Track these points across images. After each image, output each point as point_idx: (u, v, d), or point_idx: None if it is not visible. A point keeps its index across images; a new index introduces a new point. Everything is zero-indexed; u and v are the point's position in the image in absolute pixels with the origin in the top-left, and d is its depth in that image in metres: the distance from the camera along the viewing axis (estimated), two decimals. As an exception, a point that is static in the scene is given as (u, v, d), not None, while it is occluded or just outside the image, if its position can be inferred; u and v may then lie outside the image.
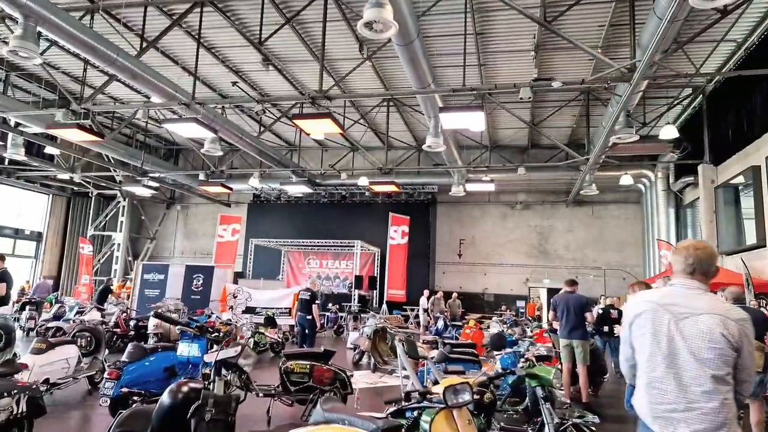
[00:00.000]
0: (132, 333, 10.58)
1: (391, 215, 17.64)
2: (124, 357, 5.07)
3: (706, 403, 2.10)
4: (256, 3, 9.91)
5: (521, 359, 4.56)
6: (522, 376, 4.08)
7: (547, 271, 19.99)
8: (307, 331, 9.65)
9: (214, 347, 2.95)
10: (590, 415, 3.59)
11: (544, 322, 18.97)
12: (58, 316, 12.03)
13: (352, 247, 19.04)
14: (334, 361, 5.75)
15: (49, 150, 15.70)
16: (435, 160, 19.42)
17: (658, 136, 13.81)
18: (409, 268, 18.57)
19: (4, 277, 7.77)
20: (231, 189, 18.58)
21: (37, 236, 21.69)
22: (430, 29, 10.62)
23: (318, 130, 10.45)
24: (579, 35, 9.92)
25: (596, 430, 3.75)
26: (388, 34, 6.75)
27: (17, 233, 20.77)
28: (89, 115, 12.68)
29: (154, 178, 18.76)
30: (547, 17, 9.05)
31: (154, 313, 3.34)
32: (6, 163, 18.85)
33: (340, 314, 16.26)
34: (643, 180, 16.70)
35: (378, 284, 19.26)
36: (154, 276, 12.69)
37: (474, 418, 2.88)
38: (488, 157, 18.01)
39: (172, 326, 9.66)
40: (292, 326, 11.56)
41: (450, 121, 9.69)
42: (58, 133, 12.06)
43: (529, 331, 9.07)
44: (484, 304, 20.37)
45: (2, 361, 4.07)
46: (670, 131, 11.12)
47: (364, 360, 9.45)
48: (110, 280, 14.92)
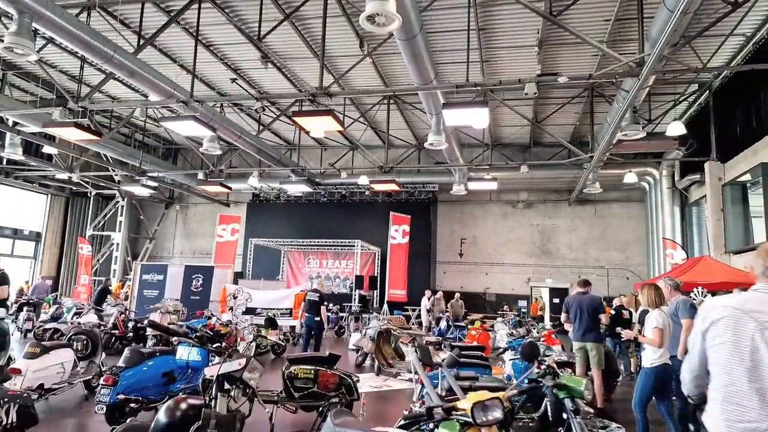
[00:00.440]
0: (131, 334, 10.40)
1: (392, 214, 17.47)
2: (121, 362, 4.87)
3: None
4: (255, -2, 9.74)
5: (538, 365, 4.28)
6: (541, 383, 3.84)
7: (549, 271, 19.83)
8: (314, 333, 9.50)
9: (216, 359, 2.63)
10: (614, 425, 3.38)
11: (547, 322, 18.85)
12: (56, 318, 11.85)
13: (353, 246, 18.87)
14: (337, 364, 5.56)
15: (47, 149, 15.53)
16: (436, 158, 19.24)
17: (663, 133, 13.66)
18: (410, 268, 18.40)
19: (4, 279, 7.57)
20: (230, 188, 18.40)
21: (36, 236, 21.56)
22: (432, 25, 10.46)
23: (318, 127, 10.25)
24: (584, 30, 9.73)
25: None
26: (391, 28, 6.57)
27: (16, 233, 20.66)
28: (87, 113, 12.50)
29: (153, 178, 18.59)
30: (553, 11, 8.88)
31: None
32: (4, 163, 18.71)
33: (341, 315, 16.08)
34: (647, 178, 16.52)
35: (378, 284, 19.10)
36: (153, 276, 12.50)
37: None
38: (490, 156, 17.84)
39: (172, 327, 9.49)
40: (293, 327, 11.38)
41: (453, 117, 9.51)
42: (56, 132, 11.88)
43: (535, 332, 8.84)
44: (486, 304, 20.20)
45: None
46: (677, 127, 10.94)
47: (367, 362, 9.26)
48: (108, 280, 14.76)
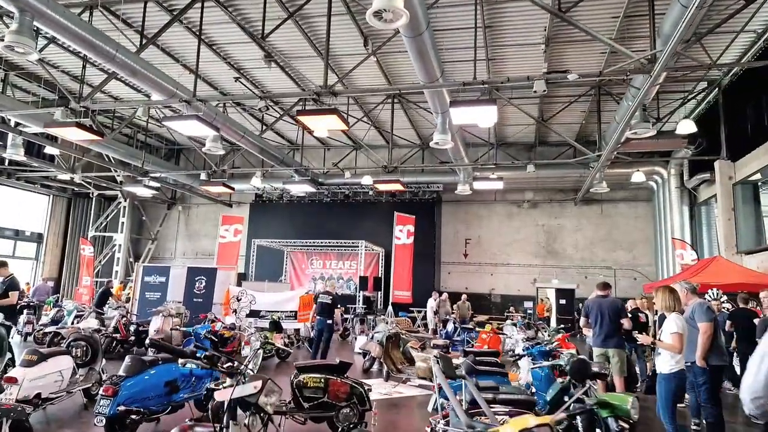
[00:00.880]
0: (132, 338, 10.24)
1: (396, 214, 17.28)
2: (122, 371, 4.69)
3: None
4: (258, -4, 9.59)
5: (563, 375, 4.01)
6: (590, 407, 3.56)
7: (556, 272, 19.63)
8: (325, 335, 9.33)
9: (227, 381, 2.29)
10: None
11: (553, 323, 18.65)
12: (57, 321, 11.70)
13: (356, 247, 18.70)
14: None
15: (49, 150, 15.41)
16: (440, 158, 19.07)
17: (671, 131, 13.47)
18: (414, 269, 18.23)
19: (15, 285, 7.59)
20: (233, 189, 18.26)
21: (38, 238, 21.46)
22: (438, 22, 10.29)
23: (323, 126, 10.09)
24: (592, 27, 9.56)
25: None
26: (398, 24, 6.41)
27: (17, 234, 20.56)
28: (89, 113, 12.38)
29: (155, 178, 18.47)
30: (562, 7, 8.71)
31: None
32: (6, 164, 18.60)
33: (346, 316, 15.89)
34: (655, 177, 16.31)
35: (382, 285, 18.93)
36: (155, 278, 12.33)
37: None
38: (495, 155, 17.66)
39: (175, 332, 9.35)
40: (298, 330, 11.21)
41: (460, 115, 9.32)
42: (57, 132, 11.74)
43: (546, 335, 8.62)
44: (491, 305, 20.02)
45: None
46: (687, 126, 10.74)
47: (375, 367, 9.05)
48: (110, 282, 14.58)
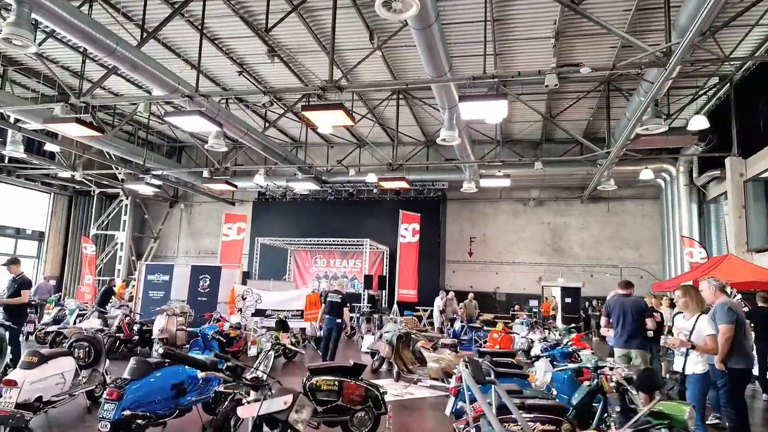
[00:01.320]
0: (136, 338, 10.07)
1: (401, 212, 17.07)
2: (126, 374, 4.50)
3: None
4: (262, -11, 9.40)
5: (592, 376, 3.79)
6: (592, 391, 3.39)
7: (561, 270, 19.45)
8: (334, 335, 9.27)
9: (251, 394, 1.86)
10: None
11: (559, 322, 18.47)
12: (59, 320, 11.53)
13: (360, 245, 18.52)
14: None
15: (50, 147, 15.23)
16: (445, 155, 18.88)
17: (681, 128, 13.28)
18: (419, 268, 18.04)
19: (27, 283, 7.42)
20: (236, 186, 18.07)
21: (39, 236, 21.31)
22: (446, 15, 10.08)
23: (328, 121, 9.90)
24: (604, 20, 9.36)
25: None
26: (408, 14, 6.23)
27: (19, 233, 20.41)
28: (89, 109, 12.20)
29: (157, 176, 18.29)
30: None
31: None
32: (6, 161, 18.43)
33: (351, 315, 15.69)
34: (663, 174, 16.11)
35: (387, 284, 18.74)
36: (158, 277, 12.15)
37: None
38: (500, 153, 17.45)
39: (180, 331, 9.18)
40: (303, 329, 11.05)
41: (469, 111, 9.13)
42: (57, 128, 11.56)
43: (557, 334, 8.42)
44: (496, 303, 19.84)
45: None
46: (699, 121, 10.53)
47: (384, 367, 8.91)
48: (112, 280, 14.40)
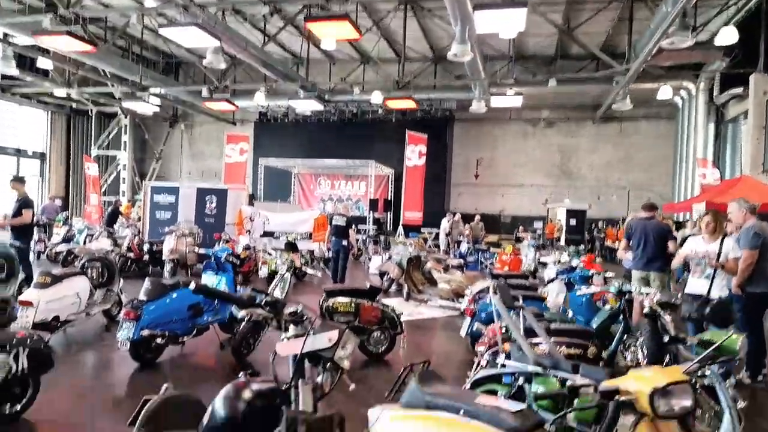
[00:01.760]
0: (146, 258, 10.19)
1: (408, 133, 16.63)
2: (142, 295, 4.52)
3: None
4: None
5: (617, 302, 3.72)
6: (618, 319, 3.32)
7: (568, 192, 19.32)
8: (342, 256, 9.31)
9: (290, 330, 1.61)
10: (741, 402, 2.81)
11: (563, 244, 18.62)
12: (68, 239, 11.62)
13: (365, 168, 18.26)
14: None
15: (42, 64, 14.57)
16: (454, 73, 18.09)
17: (706, 42, 12.54)
18: (424, 190, 17.92)
19: (28, 203, 7.11)
20: (236, 106, 17.54)
21: (41, 156, 21.12)
22: None
23: (333, 34, 9.33)
24: None
25: None
26: None
27: (20, 153, 20.19)
28: (79, 20, 11.49)
29: (155, 95, 17.69)
30: None
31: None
32: (0, 79, 17.80)
33: (358, 237, 15.82)
34: (682, 93, 15.47)
35: (392, 207, 18.71)
36: (164, 197, 12.06)
37: None
38: (512, 69, 16.65)
39: (190, 252, 9.23)
40: (312, 251, 11.13)
41: (484, 22, 8.47)
42: (48, 43, 11.01)
43: (566, 255, 8.36)
44: (501, 226, 19.93)
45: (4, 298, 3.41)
46: (729, 34, 9.85)
47: (393, 287, 9.10)
48: (118, 201, 14.44)
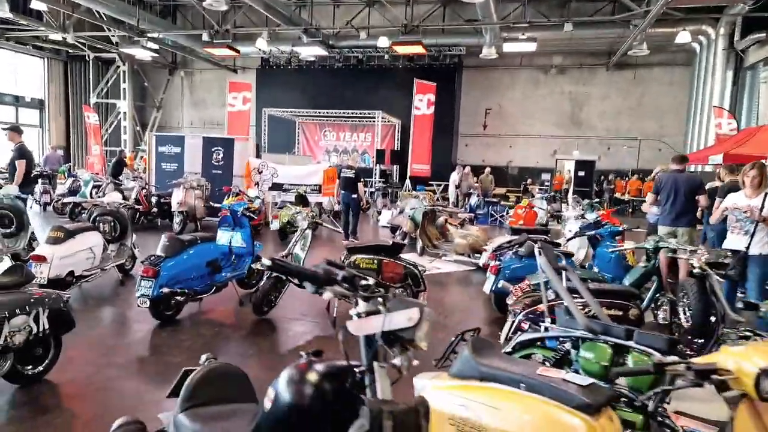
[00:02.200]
0: (155, 210, 10.12)
1: (416, 82, 16.07)
2: (159, 251, 4.43)
3: None
4: None
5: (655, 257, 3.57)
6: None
7: (578, 143, 18.98)
8: (352, 210, 9.20)
9: (360, 305, 1.34)
10: None
11: (570, 196, 18.47)
12: (74, 191, 11.51)
13: (372, 118, 17.80)
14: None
15: (36, 5, 13.95)
16: (464, 16, 17.36)
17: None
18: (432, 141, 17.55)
19: (23, 153, 6.58)
20: (238, 51, 16.94)
21: (39, 104, 20.67)
22: None
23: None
24: None
25: None
26: None
27: (18, 101, 19.76)
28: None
29: (153, 39, 17.07)
30: None
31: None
32: (-8, 22, 17.15)
33: (366, 190, 15.65)
34: (700, 38, 14.84)
35: (399, 158, 18.38)
36: (169, 148, 11.82)
37: None
38: (525, 12, 15.90)
39: (198, 204, 9.14)
40: (320, 204, 11.01)
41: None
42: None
43: (579, 208, 8.26)
44: (508, 177, 19.71)
45: (10, 269, 3.22)
46: (760, -24, 9.31)
47: (405, 241, 8.96)
48: (122, 151, 14.20)
